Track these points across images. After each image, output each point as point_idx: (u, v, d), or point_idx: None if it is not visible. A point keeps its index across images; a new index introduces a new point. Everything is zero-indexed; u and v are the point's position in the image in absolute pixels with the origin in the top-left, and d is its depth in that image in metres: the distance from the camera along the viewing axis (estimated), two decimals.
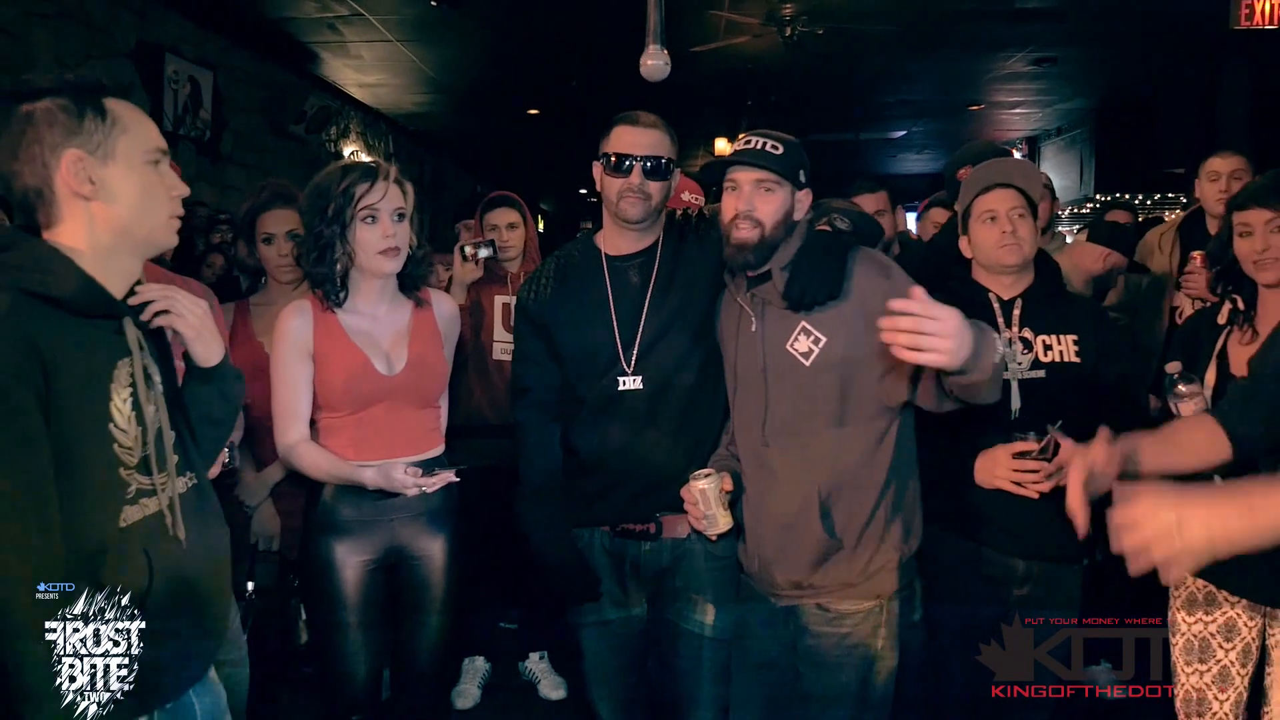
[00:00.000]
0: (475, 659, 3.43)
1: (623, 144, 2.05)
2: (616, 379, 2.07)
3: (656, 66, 3.07)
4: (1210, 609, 2.05)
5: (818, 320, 1.92)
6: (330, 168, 2.13)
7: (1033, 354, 2.15)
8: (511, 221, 3.34)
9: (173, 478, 1.39)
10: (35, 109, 1.29)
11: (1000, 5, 6.24)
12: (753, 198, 1.91)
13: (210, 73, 6.69)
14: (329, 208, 2.05)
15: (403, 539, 2.15)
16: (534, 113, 10.05)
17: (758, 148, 1.92)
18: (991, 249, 2.17)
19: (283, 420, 2.11)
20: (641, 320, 2.09)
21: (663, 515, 2.11)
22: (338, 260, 2.08)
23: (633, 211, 2.06)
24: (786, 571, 1.96)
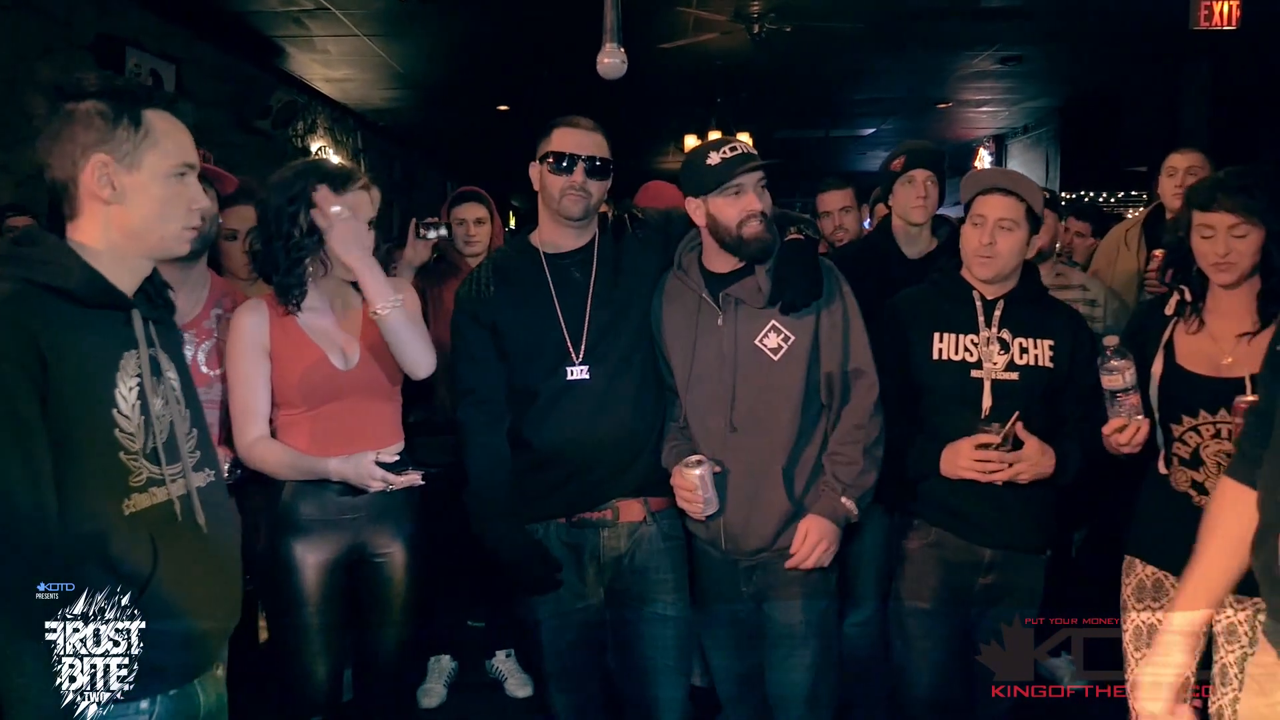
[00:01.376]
0: (441, 657, 3.42)
1: (565, 144, 2.15)
2: (565, 370, 2.14)
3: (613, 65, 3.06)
4: (1159, 596, 2.08)
5: (790, 319, 2.10)
6: (297, 167, 2.10)
7: (1009, 355, 2.17)
8: (479, 217, 3.34)
9: (188, 470, 1.44)
10: (77, 109, 1.35)
11: (966, 4, 6.28)
12: (760, 197, 2.09)
13: (173, 66, 6.57)
14: (302, 214, 2.03)
15: (364, 537, 2.14)
16: (504, 109, 10.00)
17: (746, 152, 2.10)
18: (969, 254, 2.20)
19: (241, 419, 2.09)
20: (587, 313, 2.17)
21: (619, 500, 2.18)
22: (304, 262, 2.08)
23: (575, 209, 2.15)
24: (752, 540, 2.13)
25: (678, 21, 6.73)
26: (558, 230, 2.22)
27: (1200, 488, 2.04)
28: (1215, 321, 2.05)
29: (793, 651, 2.15)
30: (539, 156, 2.18)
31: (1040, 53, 7.86)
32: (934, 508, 2.20)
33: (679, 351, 2.17)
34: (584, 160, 2.13)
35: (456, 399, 2.25)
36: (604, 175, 2.17)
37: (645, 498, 2.19)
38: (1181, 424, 2.04)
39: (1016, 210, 2.15)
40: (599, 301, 2.18)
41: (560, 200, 2.15)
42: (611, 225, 2.28)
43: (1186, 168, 3.39)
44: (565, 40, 6.42)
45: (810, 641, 2.15)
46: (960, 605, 2.22)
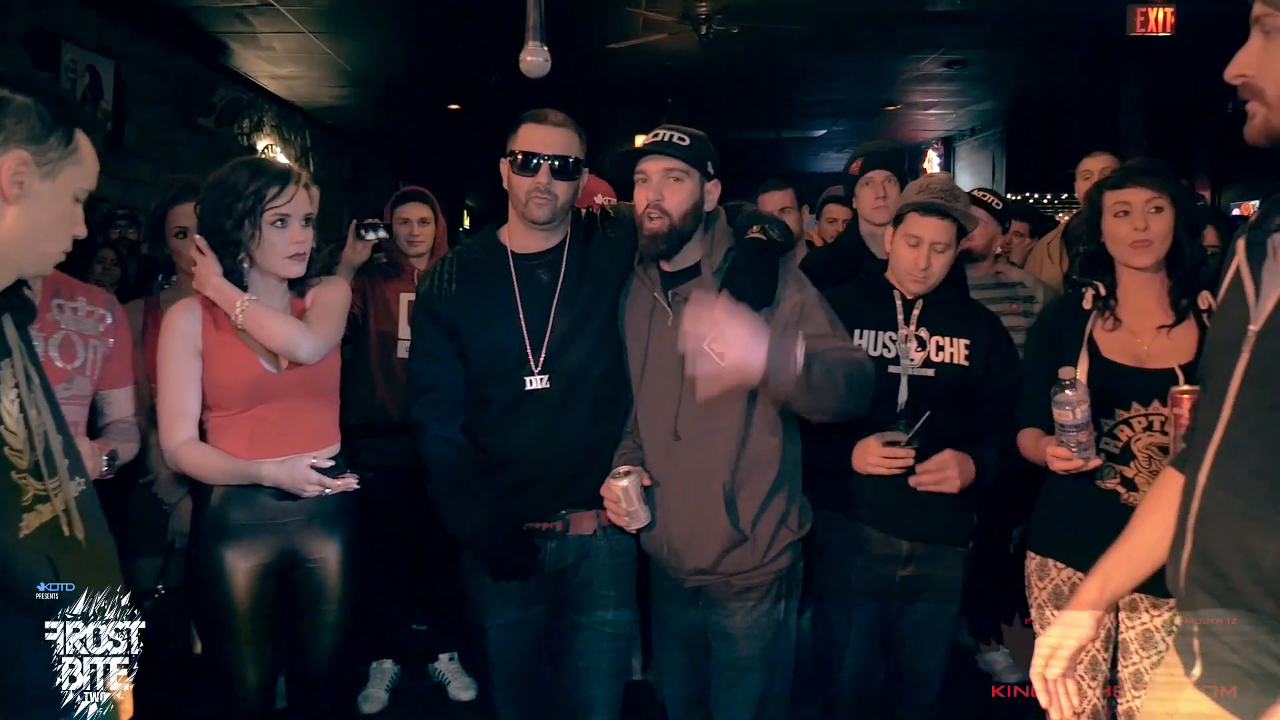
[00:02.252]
0: (383, 662, 3.37)
1: (530, 143, 2.02)
2: (523, 379, 2.06)
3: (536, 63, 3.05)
4: None
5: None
6: (236, 163, 2.06)
7: (925, 353, 2.21)
8: (423, 217, 3.30)
9: (65, 481, 1.36)
10: (15, 99, 1.29)
11: (911, 8, 6.37)
12: (662, 187, 1.94)
13: (111, 62, 6.44)
14: (235, 207, 1.99)
15: (296, 542, 2.10)
16: (455, 108, 9.94)
17: (665, 139, 1.96)
18: (902, 272, 2.23)
19: (169, 421, 2.04)
20: (550, 320, 2.08)
21: (570, 513, 2.11)
22: (240, 261, 2.03)
23: (540, 212, 2.04)
24: (694, 560, 2.03)
25: (627, 22, 6.74)
26: (525, 232, 2.11)
27: (1130, 484, 2.04)
28: (1131, 318, 2.08)
29: (737, 682, 2.07)
30: (506, 153, 2.06)
31: (985, 57, 8.00)
32: (854, 501, 2.22)
33: (635, 354, 2.10)
34: (548, 160, 2.00)
35: (412, 396, 2.19)
36: (572, 176, 2.03)
37: (598, 510, 2.11)
38: (1113, 418, 2.04)
39: (950, 232, 2.18)
40: (563, 308, 2.08)
41: (526, 203, 2.03)
42: (583, 225, 2.17)
43: (1100, 170, 3.48)
44: (514, 39, 6.39)
45: (755, 674, 2.06)
46: (881, 598, 2.25)
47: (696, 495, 2.00)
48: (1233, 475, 1.20)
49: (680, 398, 1.99)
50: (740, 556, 2.00)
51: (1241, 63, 1.17)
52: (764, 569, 2.02)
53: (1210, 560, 1.22)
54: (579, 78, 8.31)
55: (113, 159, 6.59)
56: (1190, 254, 2.04)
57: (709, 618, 2.07)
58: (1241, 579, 1.17)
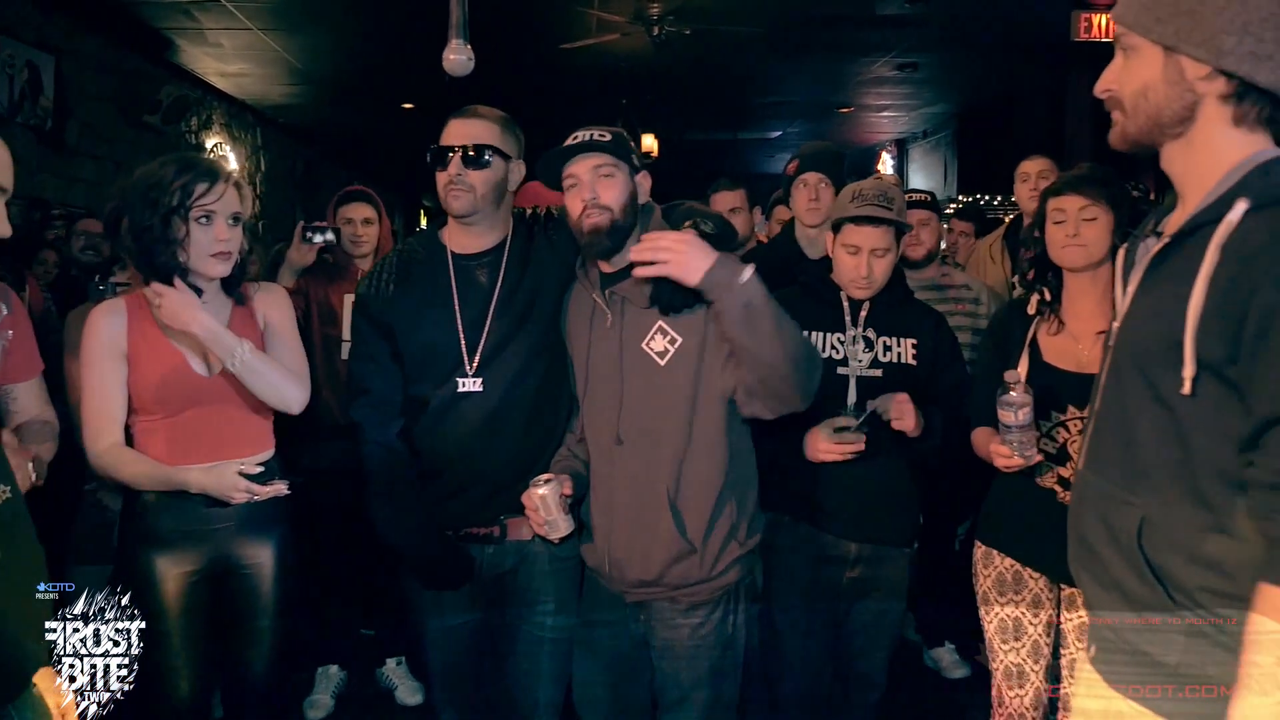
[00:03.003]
0: (329, 667, 3.34)
1: (445, 137, 2.02)
2: (456, 381, 2.03)
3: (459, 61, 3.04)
4: (1019, 589, 2.16)
5: (674, 321, 1.92)
6: (165, 160, 2.01)
7: (873, 353, 2.24)
8: (366, 217, 3.27)
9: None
10: None
11: (860, 11, 6.44)
12: (595, 185, 1.91)
13: (52, 57, 6.28)
14: (161, 202, 1.94)
15: (228, 548, 2.07)
16: (409, 107, 9.85)
17: (586, 139, 1.93)
18: (845, 280, 2.26)
19: (93, 425, 1.99)
20: (487, 323, 2.05)
21: (507, 518, 2.09)
22: (163, 257, 1.97)
23: (455, 204, 2.02)
24: (637, 571, 1.96)
25: (580, 22, 6.73)
26: (459, 231, 2.09)
27: (1066, 484, 2.09)
28: (1074, 322, 2.14)
29: (684, 700, 1.99)
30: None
31: (935, 60, 8.11)
32: (801, 504, 2.25)
33: (579, 357, 2.05)
34: (458, 150, 1.99)
35: (350, 398, 2.15)
36: (483, 164, 1.99)
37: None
38: (1051, 420, 2.10)
39: (888, 237, 2.22)
40: (501, 309, 2.05)
41: (445, 197, 2.01)
42: (526, 226, 2.15)
43: (1038, 172, 3.58)
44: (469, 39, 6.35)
45: (702, 690, 1.98)
46: (829, 599, 2.27)
47: (640, 501, 1.94)
48: (1100, 459, 1.32)
49: (622, 400, 1.96)
50: (687, 568, 1.93)
51: (1107, 79, 1.31)
52: (712, 583, 1.95)
53: (1085, 540, 1.33)
54: (532, 78, 8.29)
55: (54, 157, 6.44)
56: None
57: (651, 634, 1.99)
58: (1109, 556, 1.28)
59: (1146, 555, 1.23)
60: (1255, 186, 1.17)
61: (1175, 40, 1.20)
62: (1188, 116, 1.24)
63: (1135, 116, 1.27)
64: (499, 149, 2.02)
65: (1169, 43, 1.21)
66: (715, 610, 1.96)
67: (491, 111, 2.07)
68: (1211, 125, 1.24)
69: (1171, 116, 1.24)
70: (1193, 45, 1.19)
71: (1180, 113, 1.24)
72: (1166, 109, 1.24)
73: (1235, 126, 1.22)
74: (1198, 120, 1.24)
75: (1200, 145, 1.25)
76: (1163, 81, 1.23)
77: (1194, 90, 1.22)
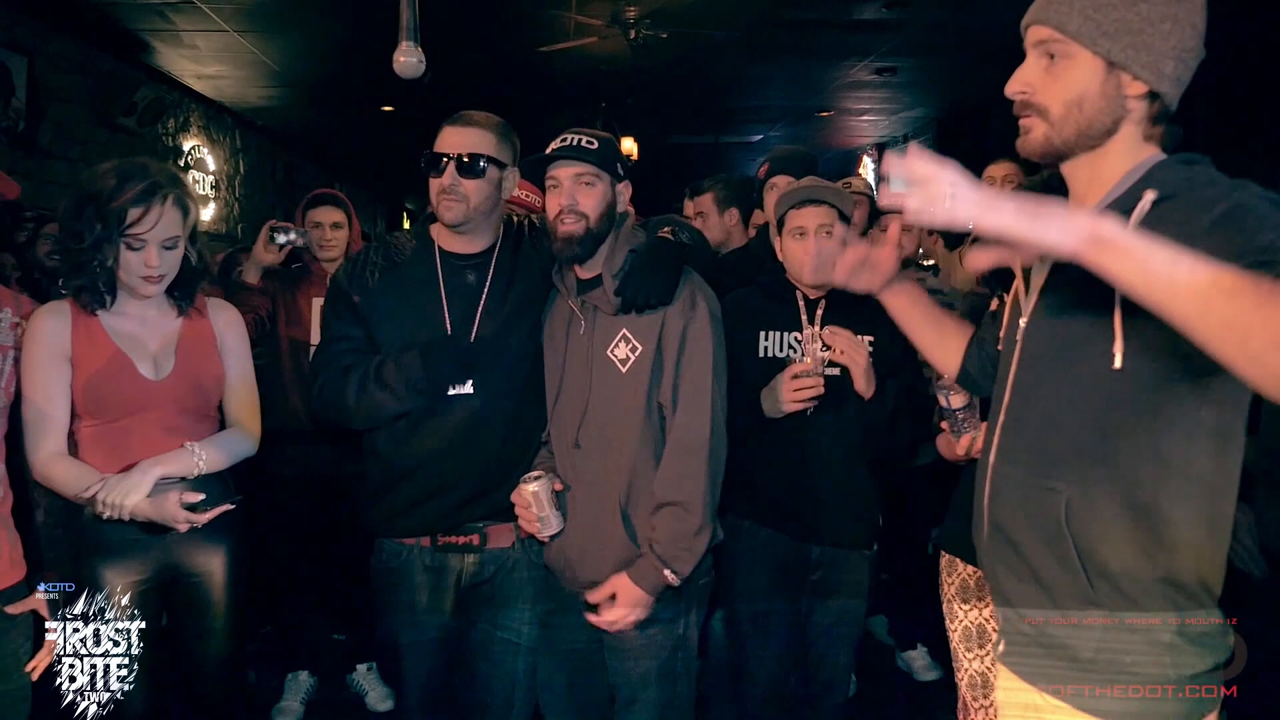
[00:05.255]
0: (299, 673, 3.32)
1: (440, 144, 2.00)
2: (447, 385, 2.01)
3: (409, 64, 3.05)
4: (983, 595, 2.16)
5: (637, 328, 1.95)
6: (105, 170, 1.95)
7: (830, 351, 2.24)
8: (335, 221, 3.25)
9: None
10: None
11: (838, 16, 6.46)
12: (574, 192, 1.93)
13: (24, 58, 6.22)
14: (93, 225, 1.89)
15: (177, 556, 2.03)
16: (389, 110, 9.80)
17: (574, 144, 1.94)
18: (796, 266, 2.26)
19: (35, 431, 1.93)
20: (475, 324, 2.04)
21: (488, 525, 2.08)
22: (97, 275, 1.93)
23: (449, 214, 2.00)
24: (589, 572, 1.99)
25: (560, 25, 6.72)
26: (449, 236, 2.08)
27: None
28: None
29: (635, 698, 2.02)
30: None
31: (913, 65, 8.13)
32: (762, 508, 2.25)
33: (553, 361, 2.08)
34: (453, 158, 1.97)
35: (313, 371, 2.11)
36: (479, 174, 1.98)
37: (516, 523, 2.08)
38: None
39: (830, 216, 2.23)
40: (490, 312, 2.05)
41: (438, 205, 2.00)
42: (514, 231, 2.14)
43: (1003, 176, 3.61)
44: (446, 42, 6.34)
45: (652, 689, 2.01)
46: (792, 602, 2.27)
47: (594, 505, 1.98)
48: (1014, 450, 1.34)
49: (586, 406, 1.98)
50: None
51: (1021, 79, 1.30)
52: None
53: (1002, 529, 1.34)
54: (512, 81, 8.28)
55: (26, 160, 6.37)
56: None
57: (604, 633, 2.01)
58: (1028, 543, 1.29)
59: (1075, 540, 1.24)
60: (1159, 179, 1.22)
61: (1122, 58, 1.22)
62: (1113, 129, 1.26)
63: (1064, 126, 1.27)
64: (494, 158, 2.01)
65: (1115, 59, 1.23)
66: (664, 611, 1.98)
67: (488, 118, 2.05)
68: (1127, 138, 1.27)
69: (1100, 128, 1.27)
70: (1139, 65, 1.22)
71: (1109, 125, 1.26)
72: (1098, 121, 1.26)
73: (1145, 141, 1.28)
74: (1119, 133, 1.27)
75: (1112, 155, 1.28)
76: (1100, 95, 1.24)
77: (1126, 106, 1.25)
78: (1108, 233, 0.98)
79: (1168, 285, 0.94)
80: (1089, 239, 0.98)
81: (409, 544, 2.09)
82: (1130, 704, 1.20)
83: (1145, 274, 0.96)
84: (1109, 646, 1.22)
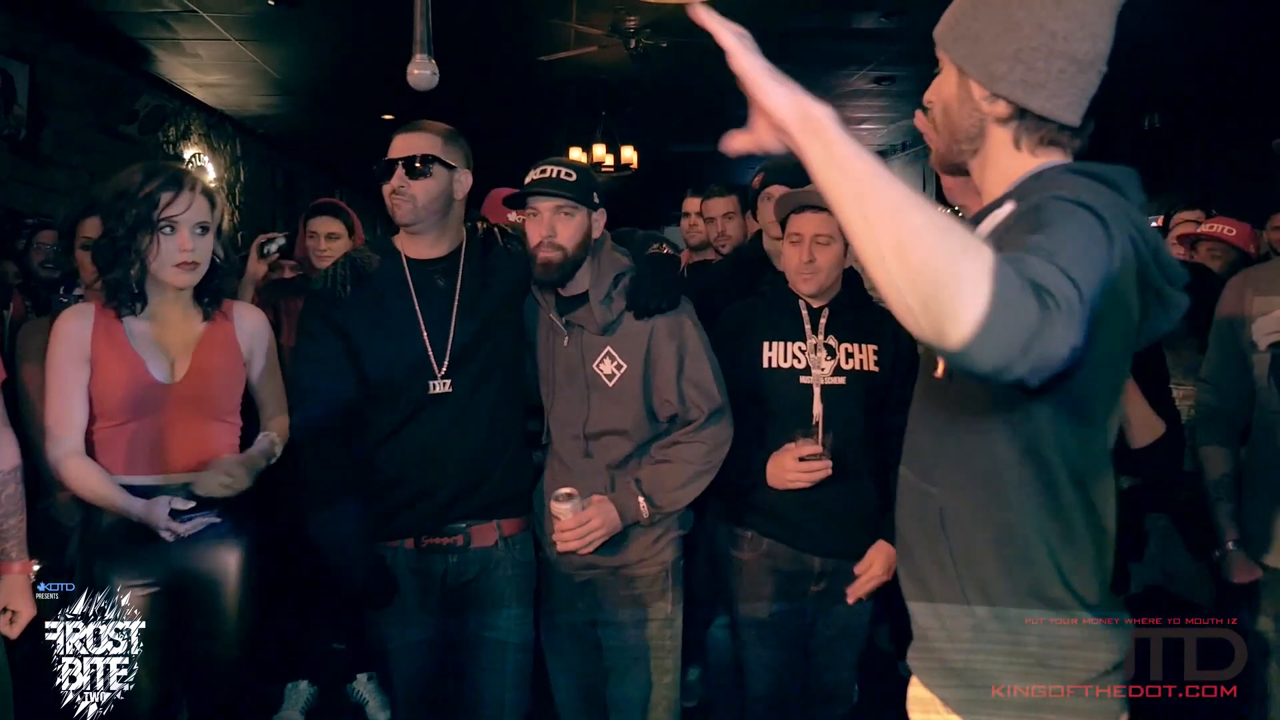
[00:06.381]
0: (299, 683, 3.32)
1: (390, 151, 2.09)
2: (427, 383, 2.06)
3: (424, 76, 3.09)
4: None
5: (621, 346, 2.11)
6: (133, 169, 2.02)
7: (835, 361, 2.24)
8: (331, 231, 3.24)
9: None
10: None
11: (837, 25, 6.48)
12: (554, 223, 2.05)
13: (26, 66, 6.24)
14: (127, 212, 1.95)
15: (188, 560, 2.04)
16: (389, 118, 9.83)
17: (553, 176, 2.05)
18: (792, 272, 2.27)
19: (54, 430, 1.98)
20: (452, 324, 2.09)
21: (471, 526, 2.11)
22: (131, 267, 1.97)
23: (399, 214, 2.08)
24: (586, 555, 2.12)
25: (561, 35, 6.74)
26: (409, 241, 2.15)
27: None
28: None
29: (629, 668, 2.17)
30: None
31: (912, 74, 8.15)
32: (765, 519, 2.25)
33: (545, 368, 2.18)
34: (401, 162, 2.05)
35: (294, 400, 2.15)
36: (422, 174, 2.05)
37: (498, 521, 2.14)
38: None
39: (830, 225, 2.22)
40: (465, 311, 2.11)
41: (390, 208, 2.09)
42: (481, 237, 2.21)
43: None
44: (444, 52, 6.38)
45: (644, 663, 2.17)
46: (796, 612, 2.27)
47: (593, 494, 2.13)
48: (909, 454, 1.37)
49: (589, 410, 2.13)
50: (629, 549, 2.16)
51: (929, 92, 1.33)
52: (650, 561, 2.18)
53: (902, 536, 1.37)
54: (512, 89, 8.30)
55: (28, 166, 6.39)
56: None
57: (598, 611, 2.18)
58: (916, 546, 1.32)
59: (950, 544, 1.25)
60: (1021, 190, 1.21)
61: (962, 62, 1.24)
62: (978, 134, 1.26)
63: (941, 133, 1.30)
64: (440, 159, 2.07)
65: (958, 64, 1.25)
66: (654, 585, 2.18)
67: (435, 124, 2.12)
68: (997, 145, 1.26)
69: (964, 134, 1.27)
70: (974, 68, 1.22)
71: (970, 130, 1.26)
72: (961, 128, 1.27)
73: (1015, 148, 1.24)
74: (986, 139, 1.26)
75: (990, 163, 1.28)
76: (957, 100, 1.26)
77: (980, 110, 1.24)
78: (816, 114, 0.97)
79: (854, 186, 0.92)
80: (800, 115, 0.98)
81: (392, 546, 2.13)
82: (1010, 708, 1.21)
83: (840, 169, 0.94)
84: (981, 651, 1.23)
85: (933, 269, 0.86)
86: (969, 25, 1.23)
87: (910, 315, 0.90)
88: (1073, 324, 0.89)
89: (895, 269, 0.88)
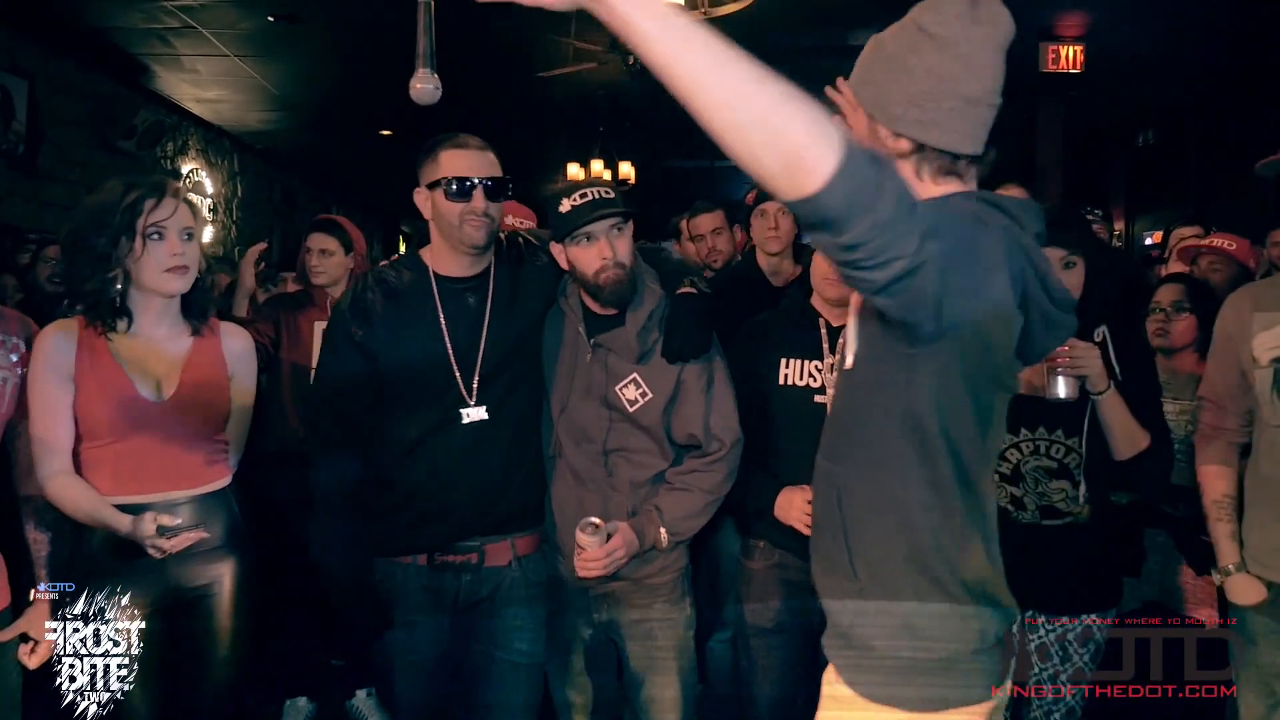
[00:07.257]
0: (298, 700, 3.29)
1: (458, 168, 2.02)
2: (459, 411, 2.04)
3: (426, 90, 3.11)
4: None
5: (650, 376, 2.09)
6: (111, 183, 1.99)
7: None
8: (324, 248, 3.25)
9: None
10: None
11: (832, 41, 6.52)
12: (613, 243, 2.03)
13: (25, 82, 6.27)
14: (110, 222, 1.91)
15: (181, 579, 2.01)
16: (387, 134, 9.86)
17: (600, 197, 2.03)
18: (818, 278, 2.27)
19: (40, 450, 1.93)
20: (481, 345, 2.06)
21: (486, 544, 2.09)
22: (114, 279, 1.94)
23: (478, 235, 2.03)
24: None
25: (560, 51, 6.78)
26: (454, 257, 2.09)
27: (1019, 503, 2.16)
28: None
29: (659, 672, 2.16)
30: (428, 183, 2.04)
31: None
32: (777, 530, 2.24)
33: (561, 375, 2.13)
34: (483, 183, 2.00)
35: (310, 408, 2.14)
36: (503, 195, 2.04)
37: (512, 539, 2.10)
38: (1004, 442, 2.13)
39: None
40: (494, 333, 2.07)
41: (461, 228, 2.01)
42: (508, 251, 2.16)
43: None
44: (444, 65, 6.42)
45: (669, 660, 2.18)
46: (805, 625, 2.26)
47: (612, 512, 2.10)
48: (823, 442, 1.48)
49: (609, 428, 2.11)
50: (646, 562, 2.14)
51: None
52: (670, 568, 2.18)
53: (816, 522, 1.47)
54: (511, 105, 8.34)
55: (26, 181, 6.40)
56: (1098, 296, 2.17)
57: (618, 620, 2.18)
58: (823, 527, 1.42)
59: (845, 521, 1.36)
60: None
61: (868, 106, 1.37)
62: None
63: None
64: (509, 178, 2.08)
65: (865, 108, 1.37)
66: (673, 591, 2.19)
67: (487, 143, 2.10)
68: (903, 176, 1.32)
69: None
70: (876, 110, 1.35)
71: None
72: None
73: (919, 179, 1.36)
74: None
75: None
76: (868, 139, 1.37)
77: (888, 147, 1.35)
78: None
79: (693, 63, 0.95)
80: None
81: (405, 562, 2.09)
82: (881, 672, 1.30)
83: (652, 42, 0.95)
84: (862, 614, 1.34)
85: (789, 129, 0.96)
86: (873, 74, 1.37)
87: (765, 171, 0.99)
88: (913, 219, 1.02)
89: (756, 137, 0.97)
